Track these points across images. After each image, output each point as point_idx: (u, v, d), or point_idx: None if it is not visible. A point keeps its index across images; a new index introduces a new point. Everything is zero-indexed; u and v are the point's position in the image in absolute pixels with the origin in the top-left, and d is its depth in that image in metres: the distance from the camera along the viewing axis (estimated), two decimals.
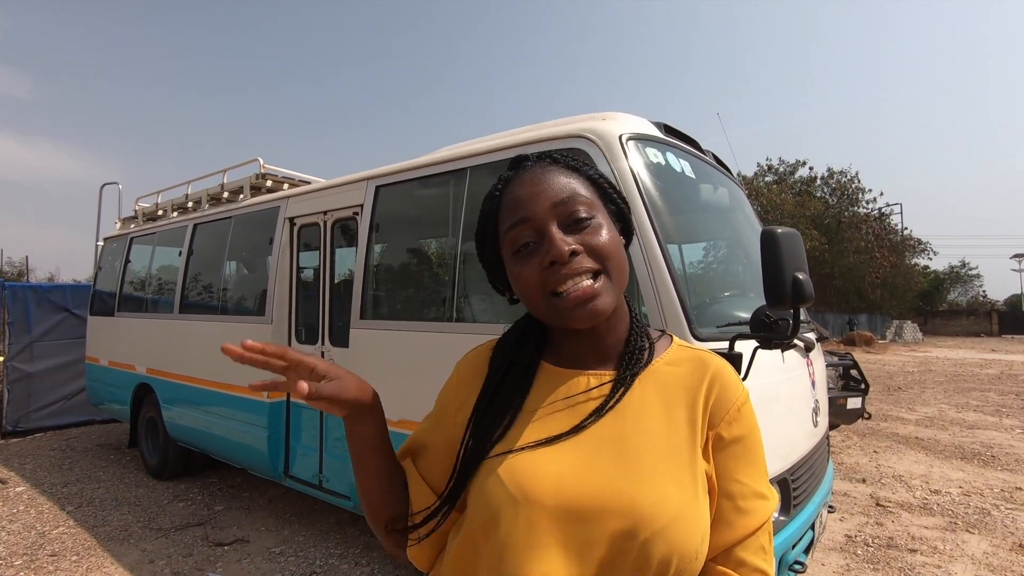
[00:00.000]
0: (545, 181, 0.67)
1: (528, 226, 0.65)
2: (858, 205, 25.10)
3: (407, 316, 2.90)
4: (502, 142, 2.52)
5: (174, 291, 4.39)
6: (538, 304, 0.66)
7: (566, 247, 0.63)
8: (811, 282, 1.59)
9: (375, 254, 3.04)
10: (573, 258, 0.63)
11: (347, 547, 3.28)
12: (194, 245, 4.39)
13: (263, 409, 3.41)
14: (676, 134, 2.53)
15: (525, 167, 0.70)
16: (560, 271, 0.63)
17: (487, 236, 0.72)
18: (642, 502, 0.58)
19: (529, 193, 0.66)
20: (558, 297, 0.64)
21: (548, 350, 0.74)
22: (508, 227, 0.67)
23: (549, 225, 0.64)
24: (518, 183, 0.68)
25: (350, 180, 3.19)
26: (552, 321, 0.67)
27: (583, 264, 0.63)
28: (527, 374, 0.70)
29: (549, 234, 0.64)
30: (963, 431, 6.38)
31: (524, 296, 0.68)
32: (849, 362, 4.74)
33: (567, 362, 0.71)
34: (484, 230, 0.72)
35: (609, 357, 0.70)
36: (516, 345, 0.73)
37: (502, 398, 0.69)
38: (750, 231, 2.80)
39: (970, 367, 14.04)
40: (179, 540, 3.39)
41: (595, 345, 0.70)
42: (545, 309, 0.66)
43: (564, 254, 0.62)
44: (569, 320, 0.64)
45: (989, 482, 4.53)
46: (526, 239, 0.66)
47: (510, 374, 0.70)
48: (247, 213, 3.95)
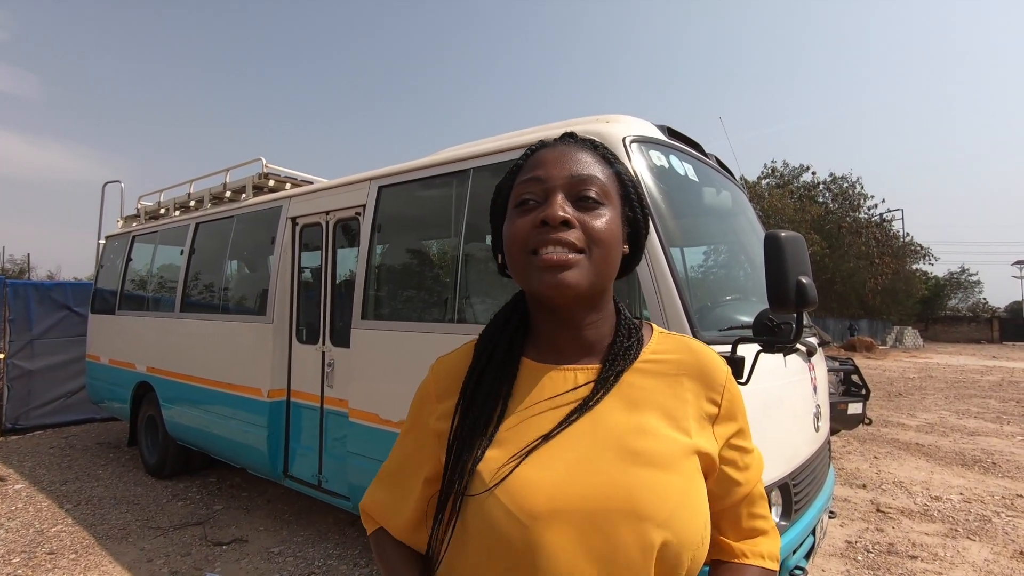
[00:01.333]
0: (573, 155, 0.68)
1: (539, 185, 0.66)
2: (859, 211, 25.09)
3: (408, 317, 2.90)
4: (505, 144, 2.53)
5: (175, 290, 4.39)
6: (517, 260, 0.66)
7: (562, 213, 0.63)
8: (815, 286, 1.59)
9: (377, 254, 3.04)
10: (564, 227, 0.63)
11: (346, 548, 3.27)
12: (196, 244, 4.39)
13: (263, 409, 3.41)
14: (679, 137, 2.53)
15: (566, 139, 0.71)
16: (547, 233, 0.63)
17: (503, 188, 0.73)
18: (641, 495, 0.59)
19: (553, 158, 0.67)
20: (535, 255, 0.64)
21: (530, 344, 0.72)
22: (521, 180, 0.68)
23: (557, 191, 0.65)
24: (550, 148, 0.70)
25: (353, 180, 3.19)
26: (525, 283, 0.67)
27: (570, 236, 0.63)
28: (508, 373, 0.69)
29: (552, 197, 0.65)
30: (964, 437, 6.37)
31: (508, 253, 0.67)
32: (850, 367, 4.73)
33: (548, 357, 0.70)
34: (503, 183, 0.73)
35: (592, 352, 0.70)
36: (496, 337, 0.72)
37: (483, 398, 0.68)
38: (752, 235, 2.79)
39: (971, 373, 14.01)
40: (177, 539, 3.39)
41: (575, 338, 0.69)
42: (521, 266, 0.65)
43: (557, 218, 0.63)
44: (538, 283, 0.64)
45: (990, 489, 4.51)
46: (531, 195, 0.66)
47: (489, 373, 0.69)
48: (249, 212, 3.96)
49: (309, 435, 3.31)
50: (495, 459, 0.63)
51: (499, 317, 0.74)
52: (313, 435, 3.27)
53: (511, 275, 0.70)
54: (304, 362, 3.38)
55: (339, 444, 3.06)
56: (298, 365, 3.42)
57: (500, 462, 0.62)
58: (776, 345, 1.70)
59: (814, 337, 2.64)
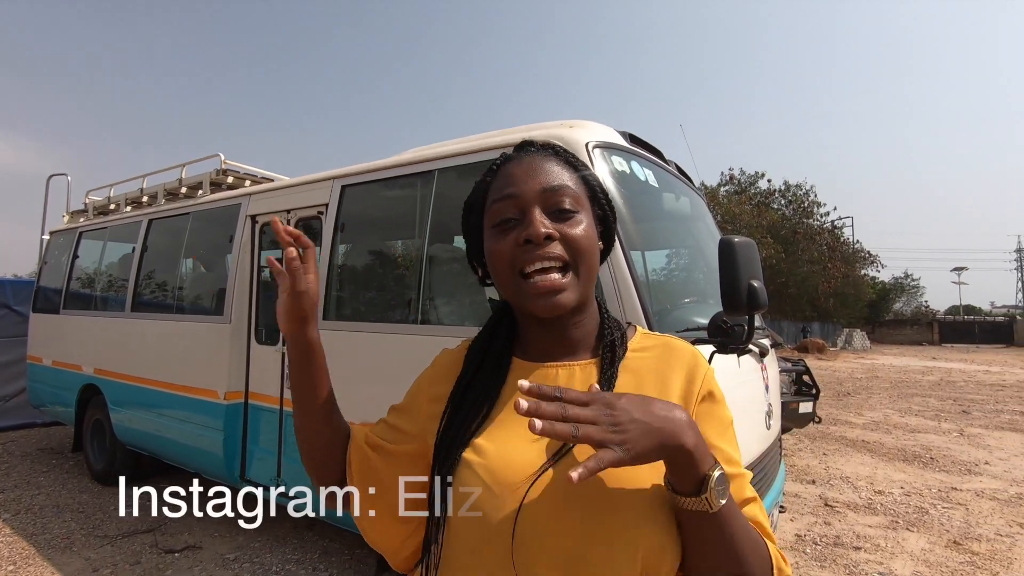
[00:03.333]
0: (541, 167, 0.69)
1: (514, 203, 0.68)
2: (813, 218, 26.11)
3: (371, 318, 2.87)
4: (471, 145, 2.54)
5: (126, 288, 4.22)
6: (506, 282, 0.68)
7: (543, 229, 0.65)
8: (765, 290, 1.66)
9: (340, 254, 3.00)
10: (548, 242, 0.65)
11: (305, 552, 3.21)
12: (148, 241, 4.23)
13: (219, 411, 3.32)
14: (641, 143, 2.60)
15: (528, 151, 0.73)
16: (533, 251, 0.65)
17: (474, 206, 0.74)
18: (623, 486, 0.60)
19: (523, 172, 0.69)
20: (526, 279, 0.66)
21: (518, 344, 0.75)
22: (495, 199, 0.69)
23: (533, 206, 0.67)
24: (516, 162, 0.71)
25: (315, 179, 3.14)
26: (516, 302, 0.69)
27: (555, 250, 0.65)
28: (499, 369, 0.72)
29: (530, 214, 0.66)
30: (905, 435, 6.71)
31: (494, 271, 0.70)
32: (802, 368, 4.92)
33: (536, 356, 0.73)
34: (473, 200, 0.75)
35: (577, 349, 0.72)
36: (488, 340, 0.75)
37: (475, 393, 0.70)
38: (710, 240, 2.89)
39: (913, 374, 14.77)
40: (126, 548, 3.26)
41: (561, 338, 0.72)
42: (512, 288, 0.68)
43: (540, 235, 0.64)
44: (531, 306, 0.66)
45: (928, 483, 4.77)
46: (508, 214, 0.68)
47: (483, 369, 0.72)
48: (206, 210, 3.84)
49: (268, 438, 3.23)
50: (483, 448, 0.65)
51: (488, 325, 0.77)
52: (272, 438, 3.20)
53: (497, 289, 0.73)
54: (263, 363, 3.30)
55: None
56: (257, 366, 3.34)
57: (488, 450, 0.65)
58: (729, 346, 1.78)
59: (767, 339, 2.75)
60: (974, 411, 8.42)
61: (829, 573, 3.10)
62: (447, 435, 0.69)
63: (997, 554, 3.33)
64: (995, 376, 13.92)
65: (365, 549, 3.20)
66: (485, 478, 0.62)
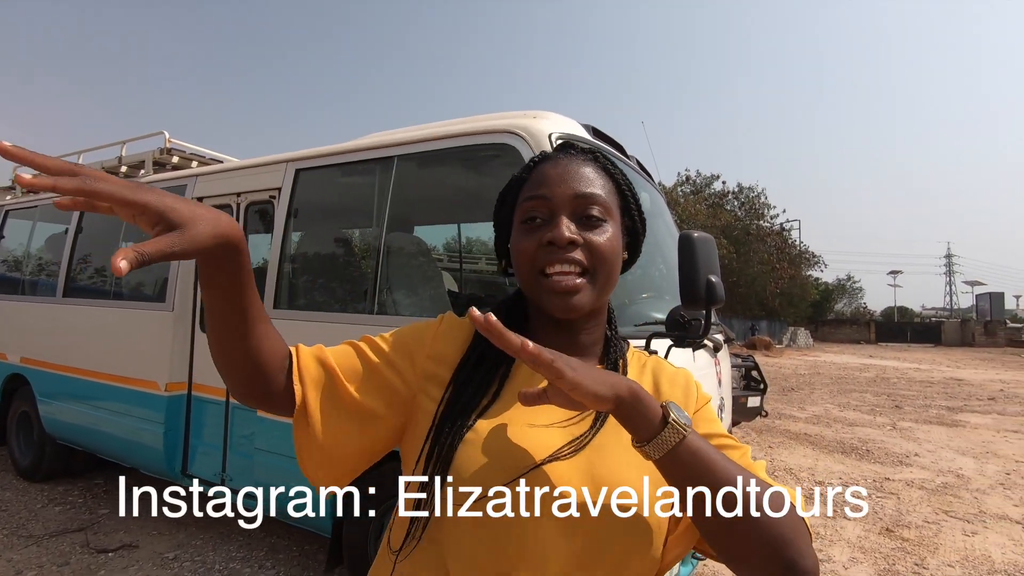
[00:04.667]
0: (576, 172, 0.70)
1: (544, 204, 0.69)
2: (763, 219, 27.10)
3: (325, 307, 2.78)
4: (433, 132, 2.48)
5: (58, 272, 3.95)
6: (526, 277, 0.69)
7: (568, 233, 0.66)
8: (723, 285, 1.68)
9: (292, 241, 2.89)
10: (570, 247, 0.67)
11: (250, 550, 3.10)
12: (83, 223, 3.97)
13: (160, 403, 3.15)
14: (603, 137, 2.60)
15: (568, 152, 0.73)
16: (554, 253, 0.66)
17: (507, 199, 0.75)
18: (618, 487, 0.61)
19: (559, 175, 0.70)
20: (545, 278, 0.67)
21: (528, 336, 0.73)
22: (527, 197, 0.71)
23: (562, 210, 0.68)
24: (554, 163, 0.72)
25: (268, 161, 3.01)
26: (533, 297, 0.70)
27: (576, 256, 0.67)
28: (504, 360, 0.70)
29: (558, 217, 0.67)
30: (844, 428, 7.06)
31: (517, 265, 0.70)
32: (751, 364, 5.09)
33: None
34: (507, 193, 0.75)
35: (585, 355, 0.73)
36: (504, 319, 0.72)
37: (487, 367, 0.69)
38: (668, 237, 2.93)
39: (851, 371, 15.56)
40: (54, 548, 3.06)
41: (571, 341, 0.72)
42: (531, 284, 0.69)
43: (564, 239, 0.66)
44: (546, 304, 0.68)
45: (864, 473, 5.03)
46: (537, 214, 0.69)
47: (491, 351, 0.68)
48: None
49: (212, 431, 3.09)
50: (486, 429, 0.64)
51: (502, 307, 0.76)
52: (217, 431, 3.06)
53: (518, 282, 0.73)
54: (209, 353, 3.15)
55: (246, 441, 2.88)
56: (202, 356, 3.18)
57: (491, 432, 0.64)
58: (686, 340, 1.80)
59: (720, 334, 2.82)
60: (906, 406, 8.94)
61: None
62: (454, 408, 0.66)
63: (924, 540, 3.54)
64: (924, 373, 14.85)
65: (315, 545, 3.11)
66: (489, 461, 0.61)
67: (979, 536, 3.63)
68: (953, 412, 8.40)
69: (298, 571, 2.88)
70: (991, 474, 5.10)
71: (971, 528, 3.77)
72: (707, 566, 3.10)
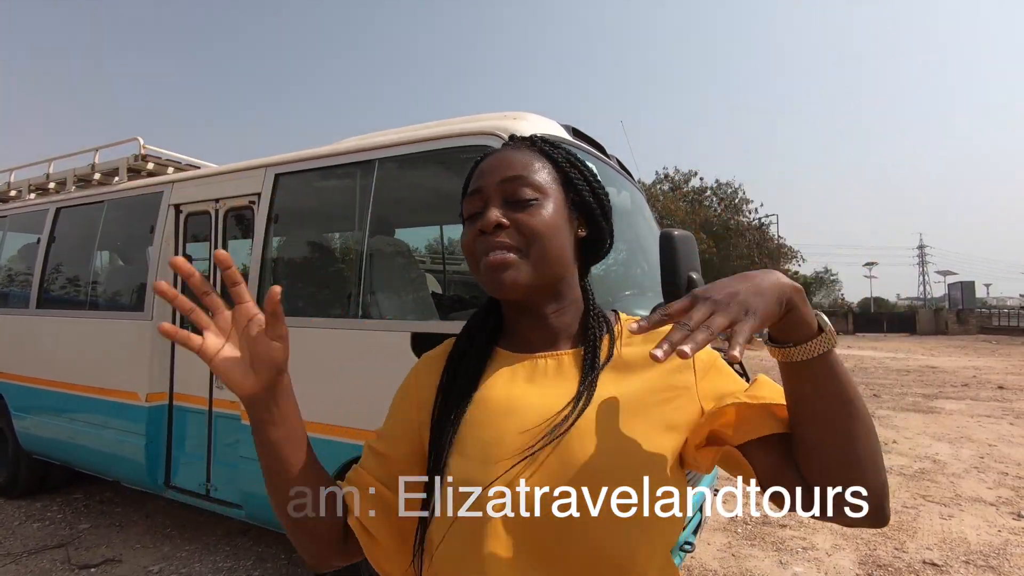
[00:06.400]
0: (506, 159, 0.72)
1: (479, 197, 0.71)
2: (742, 215, 27.49)
3: (308, 312, 2.76)
4: (412, 135, 2.48)
5: (31, 283, 3.86)
6: (473, 270, 0.72)
7: (493, 219, 0.67)
8: (704, 281, 1.72)
9: (273, 247, 2.86)
10: (498, 231, 0.67)
11: (237, 559, 3.06)
12: (56, 232, 3.88)
13: (141, 415, 3.09)
14: (583, 137, 2.62)
15: (505, 145, 0.76)
16: (486, 240, 0.68)
17: (461, 202, 0.77)
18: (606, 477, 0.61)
19: (490, 167, 0.72)
20: (482, 262, 0.69)
21: (504, 337, 0.77)
22: (466, 196, 0.74)
23: (492, 199, 0.69)
24: (488, 158, 0.74)
25: (247, 167, 2.98)
26: (483, 287, 0.71)
27: (504, 239, 0.67)
28: (481, 359, 0.73)
29: (489, 205, 0.69)
30: None
31: (466, 260, 0.73)
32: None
33: (519, 347, 0.74)
34: (461, 196, 0.77)
35: (559, 339, 0.73)
36: (474, 332, 0.76)
37: (459, 383, 0.71)
38: (649, 234, 2.96)
39: None
40: (33, 566, 2.99)
41: (541, 326, 0.73)
42: (475, 274, 0.71)
43: (489, 224, 0.67)
44: (487, 285, 0.70)
45: None
46: (475, 208, 0.71)
47: (466, 360, 0.73)
48: (124, 198, 3.56)
49: (195, 441, 3.05)
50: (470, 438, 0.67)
51: (478, 314, 0.79)
52: (200, 441, 3.02)
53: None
54: (190, 362, 3.11)
55: (230, 449, 2.85)
56: (183, 366, 3.14)
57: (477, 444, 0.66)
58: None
59: None
60: (883, 395, 9.15)
61: (759, 550, 3.28)
62: (439, 427, 0.69)
63: (904, 525, 3.64)
64: (900, 362, 15.19)
65: None
66: (473, 467, 0.64)
67: (955, 519, 3.74)
68: (928, 399, 8.61)
69: None
70: (966, 458, 5.24)
71: (948, 512, 3.88)
72: (694, 559, 3.15)
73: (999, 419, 7.16)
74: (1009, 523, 3.68)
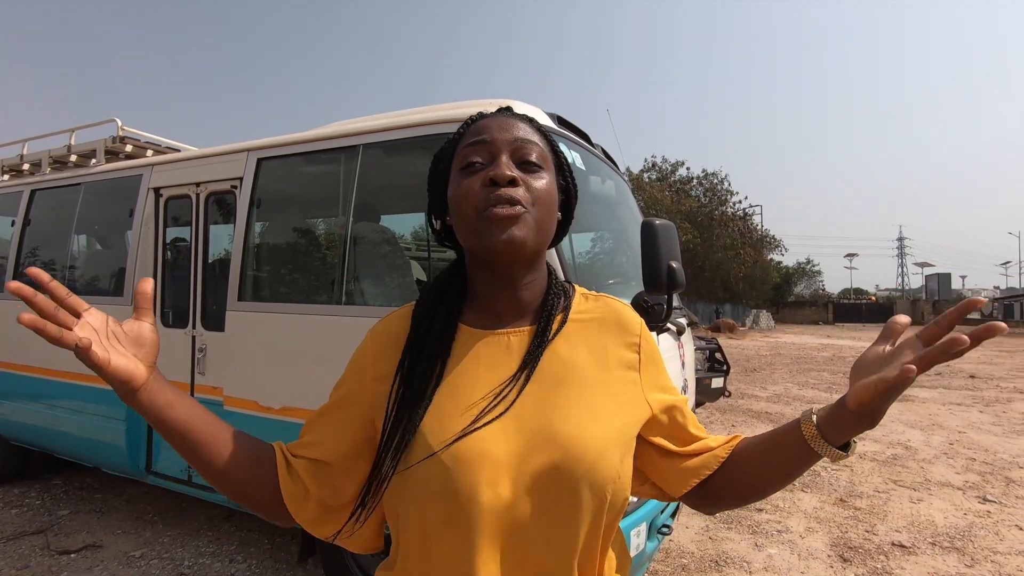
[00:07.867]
0: (514, 123, 0.72)
1: (485, 148, 0.69)
2: (727, 205, 27.71)
3: (291, 298, 2.74)
4: (398, 121, 2.46)
5: (4, 267, 3.78)
6: (468, 219, 0.68)
7: (509, 172, 0.67)
8: (684, 270, 1.74)
9: (256, 232, 2.84)
10: (512, 185, 0.67)
11: (220, 544, 3.07)
12: (31, 214, 3.80)
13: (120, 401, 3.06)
14: (568, 126, 2.62)
15: (503, 112, 0.75)
16: (496, 191, 0.66)
17: (443, 155, 0.75)
18: (573, 445, 0.63)
19: (497, 124, 0.71)
20: (487, 212, 0.66)
21: (468, 308, 0.74)
22: (466, 144, 0.71)
23: (503, 152, 0.69)
24: (491, 117, 0.73)
25: (228, 150, 2.93)
26: (475, 243, 0.68)
27: (518, 193, 0.67)
28: (445, 339, 0.71)
29: (499, 157, 0.68)
30: (803, 405, 7.35)
31: (458, 211, 0.69)
32: (714, 346, 5.25)
33: (486, 321, 0.73)
34: (443, 151, 0.76)
35: (526, 313, 0.74)
36: (435, 304, 0.73)
37: (423, 364, 0.69)
38: (634, 223, 2.98)
39: (810, 351, 16.16)
40: (12, 552, 2.97)
41: (513, 299, 0.72)
42: (473, 227, 0.67)
43: (506, 176, 0.66)
44: (488, 242, 0.66)
45: None
46: (478, 158, 0.69)
47: (429, 339, 0.70)
48: (101, 181, 3.49)
49: None
50: (436, 421, 0.65)
51: (437, 283, 0.76)
52: None
53: (454, 239, 0.74)
54: (171, 348, 3.07)
55: None
56: (163, 351, 3.06)
57: (441, 425, 0.65)
58: (649, 324, 1.85)
59: (684, 319, 2.90)
60: None
61: (735, 533, 3.36)
62: (400, 411, 0.67)
63: (875, 508, 3.75)
64: None
65: (286, 537, 3.10)
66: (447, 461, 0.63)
67: (924, 503, 3.87)
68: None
69: (270, 563, 2.87)
70: (936, 444, 5.41)
71: (917, 496, 4.01)
72: (672, 541, 3.23)
73: (969, 407, 7.39)
74: (975, 506, 3.81)
